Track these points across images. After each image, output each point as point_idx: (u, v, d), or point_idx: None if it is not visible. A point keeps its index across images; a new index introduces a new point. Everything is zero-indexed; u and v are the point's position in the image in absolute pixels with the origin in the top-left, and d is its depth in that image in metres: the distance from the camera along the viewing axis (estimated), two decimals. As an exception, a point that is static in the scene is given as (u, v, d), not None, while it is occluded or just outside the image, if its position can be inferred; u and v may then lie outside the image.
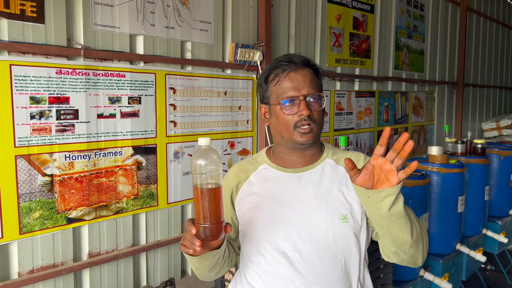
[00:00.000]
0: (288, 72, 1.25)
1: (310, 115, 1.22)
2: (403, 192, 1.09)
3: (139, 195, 2.31)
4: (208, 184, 1.03)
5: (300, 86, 1.24)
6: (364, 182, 1.05)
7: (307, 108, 1.21)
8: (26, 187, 1.90)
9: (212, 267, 1.22)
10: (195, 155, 1.03)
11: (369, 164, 1.04)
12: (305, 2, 3.31)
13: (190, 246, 1.05)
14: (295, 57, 1.27)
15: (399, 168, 1.01)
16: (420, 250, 1.19)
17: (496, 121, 6.43)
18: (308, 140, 1.24)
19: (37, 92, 1.91)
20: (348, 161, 1.03)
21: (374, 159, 1.03)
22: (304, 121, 1.22)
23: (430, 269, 2.68)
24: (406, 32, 4.58)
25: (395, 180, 1.01)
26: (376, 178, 1.04)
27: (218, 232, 1.05)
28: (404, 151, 1.00)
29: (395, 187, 1.01)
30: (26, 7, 1.85)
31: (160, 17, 2.35)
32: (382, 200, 1.04)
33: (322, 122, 1.28)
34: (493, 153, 3.69)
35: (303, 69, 1.26)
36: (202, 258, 1.15)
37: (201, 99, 2.59)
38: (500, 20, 6.99)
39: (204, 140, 1.04)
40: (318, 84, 1.27)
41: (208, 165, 1.02)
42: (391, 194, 1.02)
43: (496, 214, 3.70)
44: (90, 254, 2.14)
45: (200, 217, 1.03)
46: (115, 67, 2.17)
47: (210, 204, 1.02)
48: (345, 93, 3.74)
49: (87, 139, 2.09)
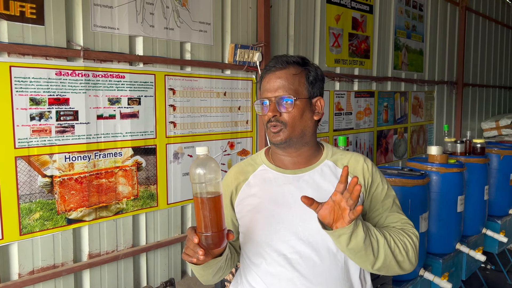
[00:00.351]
0: (268, 74, 1.28)
1: (277, 116, 1.24)
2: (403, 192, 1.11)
3: (139, 195, 2.32)
4: (208, 193, 1.03)
5: (272, 87, 1.26)
6: (325, 216, 1.09)
7: (273, 109, 1.24)
8: (26, 188, 1.90)
9: (215, 272, 1.23)
10: (194, 165, 1.04)
11: (330, 199, 1.09)
12: (304, 3, 3.31)
13: (193, 255, 1.06)
14: (280, 58, 1.28)
15: (352, 207, 1.06)
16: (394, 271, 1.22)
17: (496, 121, 6.44)
18: (279, 140, 1.26)
19: (37, 94, 1.91)
20: (305, 198, 1.07)
21: (334, 195, 1.08)
22: (271, 122, 1.25)
23: (430, 269, 2.68)
24: (405, 32, 4.59)
25: (347, 219, 1.06)
26: (336, 214, 1.09)
27: (220, 240, 1.05)
28: (353, 194, 1.04)
29: (347, 227, 1.06)
30: (26, 8, 1.85)
31: (159, 18, 2.35)
32: (338, 238, 1.09)
33: (301, 124, 1.27)
34: (493, 152, 3.69)
35: (281, 70, 1.26)
36: (205, 266, 1.15)
37: (201, 100, 2.59)
38: (499, 20, 7.00)
39: (202, 149, 1.04)
40: (298, 85, 1.26)
41: (207, 174, 1.03)
42: (344, 233, 1.08)
43: (495, 213, 3.70)
44: (90, 255, 2.14)
45: (202, 225, 1.03)
46: (115, 68, 2.18)
47: (211, 212, 1.03)
48: (344, 93, 3.75)
49: (87, 140, 2.09)
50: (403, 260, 1.20)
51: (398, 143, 4.58)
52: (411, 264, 1.22)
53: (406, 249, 1.20)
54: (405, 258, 1.20)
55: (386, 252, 1.16)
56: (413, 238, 1.23)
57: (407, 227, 1.28)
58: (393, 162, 4.49)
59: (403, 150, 4.69)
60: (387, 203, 1.32)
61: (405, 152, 4.74)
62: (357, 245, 1.10)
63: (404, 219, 1.30)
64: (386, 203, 1.32)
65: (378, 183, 1.31)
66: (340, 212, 1.08)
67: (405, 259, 1.20)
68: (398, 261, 1.19)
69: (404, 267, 1.21)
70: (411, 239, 1.23)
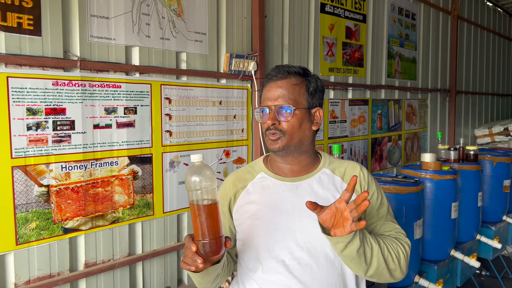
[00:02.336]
0: (269, 83, 1.31)
1: (276, 125, 1.26)
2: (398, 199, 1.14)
3: (135, 204, 2.32)
4: (204, 200, 1.03)
5: (272, 96, 1.28)
6: (326, 220, 1.11)
7: (273, 118, 1.27)
8: (22, 198, 1.91)
9: (214, 279, 1.24)
10: (189, 172, 1.04)
11: (333, 205, 1.10)
12: (298, 13, 3.36)
13: (192, 264, 1.06)
14: (282, 67, 1.31)
15: (354, 219, 1.07)
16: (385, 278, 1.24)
17: (489, 128, 6.50)
18: (277, 148, 1.29)
19: (34, 104, 1.93)
20: (310, 204, 1.09)
21: (339, 202, 1.09)
22: (270, 130, 1.28)
23: (425, 275, 2.70)
24: (398, 40, 4.64)
25: (347, 229, 1.08)
26: (336, 220, 1.10)
27: (218, 248, 1.05)
28: (360, 208, 1.05)
29: (346, 236, 1.08)
30: (23, 20, 1.87)
31: (155, 28, 2.38)
32: (335, 244, 1.12)
33: (299, 134, 1.30)
34: (486, 159, 3.74)
35: (282, 80, 1.29)
36: (204, 273, 1.16)
37: (197, 109, 2.62)
38: (490, 28, 7.10)
39: (197, 156, 1.05)
40: (297, 95, 1.29)
41: (203, 181, 1.03)
42: (341, 242, 1.10)
43: (489, 219, 3.74)
44: (87, 264, 2.14)
45: (199, 233, 1.03)
46: (111, 78, 2.20)
47: (208, 220, 1.03)
48: (338, 101, 3.78)
49: (83, 149, 2.10)
50: (395, 269, 1.22)
51: (392, 150, 4.61)
52: (402, 273, 1.25)
53: (399, 258, 1.22)
54: (397, 267, 1.22)
55: (379, 261, 1.18)
56: (405, 247, 1.26)
57: (400, 236, 1.30)
58: (387, 169, 4.52)
59: (397, 157, 4.72)
60: (382, 211, 1.34)
61: (400, 160, 4.78)
62: (351, 252, 1.12)
63: (398, 228, 1.33)
64: (381, 212, 1.34)
65: (373, 192, 1.34)
66: (341, 220, 1.09)
67: (396, 268, 1.22)
68: (390, 269, 1.21)
69: (395, 275, 1.23)
70: (404, 248, 1.25)
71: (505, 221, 3.83)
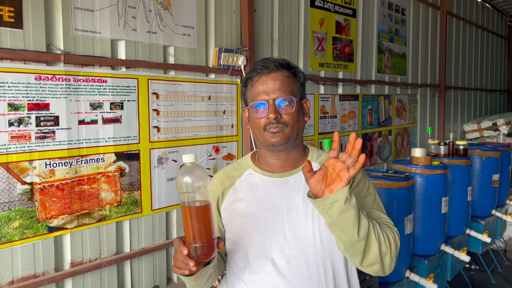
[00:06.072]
0: (260, 76, 1.26)
1: (278, 118, 1.23)
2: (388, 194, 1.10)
3: (123, 202, 2.28)
4: (197, 202, 0.98)
5: (269, 89, 1.24)
6: (318, 182, 1.07)
7: (274, 111, 1.22)
8: (4, 196, 1.85)
9: (206, 280, 1.21)
10: (181, 173, 0.99)
11: (323, 166, 1.08)
12: (288, 7, 3.32)
13: (184, 268, 1.02)
14: (270, 60, 1.28)
15: (350, 166, 1.05)
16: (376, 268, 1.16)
17: (477, 123, 6.55)
18: (279, 141, 1.24)
19: (16, 99, 1.87)
20: (308, 163, 1.06)
21: (327, 160, 1.07)
22: (272, 124, 1.23)
23: (415, 270, 2.70)
24: (388, 36, 4.64)
25: (346, 176, 1.05)
26: (329, 179, 1.07)
27: (210, 251, 1.01)
28: (354, 149, 1.04)
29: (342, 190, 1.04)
30: (4, 12, 1.81)
31: (142, 22, 2.33)
32: (331, 204, 1.05)
33: (298, 125, 1.27)
34: (475, 154, 3.75)
35: (275, 72, 1.26)
36: (197, 276, 1.13)
37: (185, 104, 2.57)
38: (479, 24, 7.15)
39: (189, 157, 0.99)
40: (292, 87, 1.27)
41: (195, 183, 0.97)
42: (339, 199, 1.04)
43: (479, 214, 3.76)
44: (73, 263, 2.09)
45: (191, 236, 0.98)
46: (96, 73, 2.14)
47: (201, 222, 0.98)
48: (329, 96, 3.76)
49: (68, 146, 2.05)
50: (386, 252, 1.14)
51: (382, 145, 4.61)
52: (391, 260, 1.17)
53: (389, 242, 1.15)
54: (388, 250, 1.15)
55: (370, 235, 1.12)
56: (395, 235, 1.20)
57: (388, 225, 1.26)
58: (378, 164, 4.52)
59: (387, 152, 4.72)
60: (368, 200, 1.30)
61: (390, 155, 4.78)
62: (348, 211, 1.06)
63: (385, 218, 1.28)
64: (368, 200, 1.30)
65: (359, 180, 1.30)
66: (335, 175, 1.07)
67: (387, 252, 1.15)
68: (382, 251, 1.14)
69: (386, 262, 1.16)
70: (393, 235, 1.19)
71: (494, 215, 3.86)
